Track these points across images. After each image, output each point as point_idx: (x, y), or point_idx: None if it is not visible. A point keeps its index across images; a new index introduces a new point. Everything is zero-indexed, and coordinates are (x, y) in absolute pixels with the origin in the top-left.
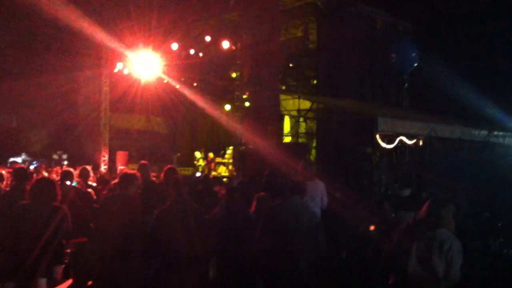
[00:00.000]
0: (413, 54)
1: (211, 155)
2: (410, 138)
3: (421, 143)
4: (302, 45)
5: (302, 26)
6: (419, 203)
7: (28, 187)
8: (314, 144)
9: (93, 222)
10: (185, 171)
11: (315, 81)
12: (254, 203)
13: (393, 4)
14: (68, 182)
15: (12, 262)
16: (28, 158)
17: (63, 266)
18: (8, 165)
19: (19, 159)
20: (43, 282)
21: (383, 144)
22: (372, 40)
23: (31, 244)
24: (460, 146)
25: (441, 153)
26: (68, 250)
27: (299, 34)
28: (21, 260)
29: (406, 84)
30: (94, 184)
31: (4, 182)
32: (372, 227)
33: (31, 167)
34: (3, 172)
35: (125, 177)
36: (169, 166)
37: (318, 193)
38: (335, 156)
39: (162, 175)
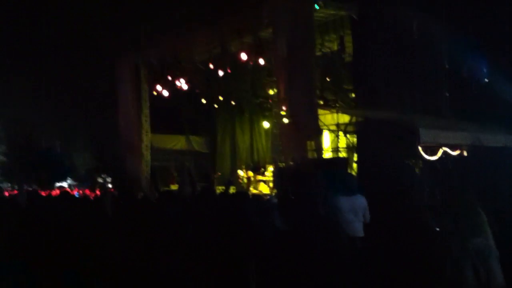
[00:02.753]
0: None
1: (250, 173)
2: (453, 148)
3: (465, 153)
4: (338, 59)
5: (337, 39)
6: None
7: None
8: (355, 158)
9: None
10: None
11: (353, 94)
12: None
13: (429, 8)
14: None
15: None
16: (73, 183)
17: None
18: (55, 189)
19: (65, 184)
20: None
21: (426, 156)
22: (410, 49)
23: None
24: (506, 155)
25: (487, 163)
26: None
27: (335, 47)
28: None
29: (447, 93)
30: None
31: None
32: None
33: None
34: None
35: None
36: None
37: (360, 208)
38: (377, 170)
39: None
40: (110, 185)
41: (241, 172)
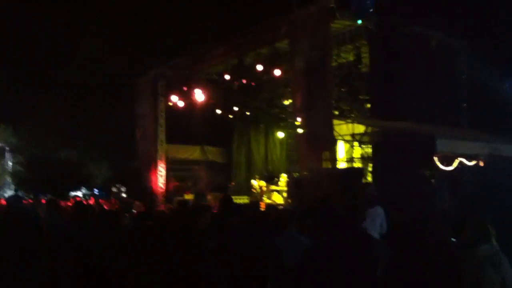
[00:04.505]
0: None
1: (262, 183)
2: (470, 159)
3: (481, 163)
4: (354, 69)
5: (353, 50)
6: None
7: None
8: (370, 169)
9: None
10: (240, 200)
11: (368, 105)
12: None
13: (447, 22)
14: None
15: None
16: (88, 192)
17: None
18: (70, 199)
19: (79, 193)
20: None
21: (442, 166)
22: (427, 59)
23: None
24: None
25: (504, 173)
26: None
27: (351, 58)
28: None
29: (465, 104)
30: None
31: None
32: None
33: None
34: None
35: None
36: (224, 195)
37: (378, 218)
38: (392, 180)
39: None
40: (124, 195)
41: (254, 182)
